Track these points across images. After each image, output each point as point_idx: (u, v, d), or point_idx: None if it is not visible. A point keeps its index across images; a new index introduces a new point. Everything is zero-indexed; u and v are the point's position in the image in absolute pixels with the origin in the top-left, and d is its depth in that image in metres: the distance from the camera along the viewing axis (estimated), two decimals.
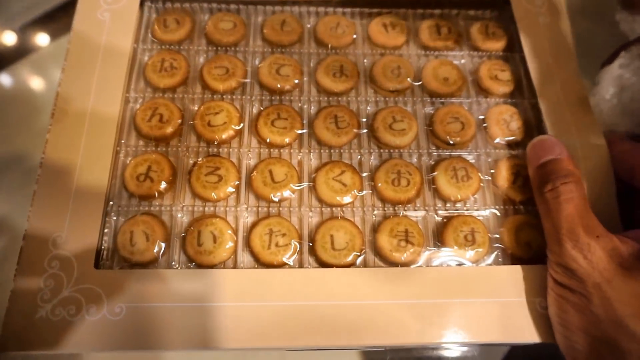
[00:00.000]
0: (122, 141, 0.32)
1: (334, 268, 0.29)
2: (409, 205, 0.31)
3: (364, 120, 0.34)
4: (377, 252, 0.30)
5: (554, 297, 0.26)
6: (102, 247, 0.29)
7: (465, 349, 0.39)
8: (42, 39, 0.47)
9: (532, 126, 0.33)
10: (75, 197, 0.29)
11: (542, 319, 0.28)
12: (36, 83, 0.45)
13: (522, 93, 0.34)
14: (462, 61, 0.36)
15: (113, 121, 0.31)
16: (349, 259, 0.29)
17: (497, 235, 0.31)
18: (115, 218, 0.30)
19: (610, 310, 0.24)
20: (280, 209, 0.31)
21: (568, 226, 0.25)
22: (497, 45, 0.36)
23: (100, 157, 0.30)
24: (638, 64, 0.34)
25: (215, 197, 0.30)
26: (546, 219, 0.27)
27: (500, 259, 0.30)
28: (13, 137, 0.42)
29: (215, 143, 0.32)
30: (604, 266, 0.24)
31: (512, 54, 0.36)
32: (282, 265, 0.29)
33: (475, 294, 0.28)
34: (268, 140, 0.32)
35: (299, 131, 0.33)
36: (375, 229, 0.31)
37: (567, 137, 0.32)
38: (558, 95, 0.33)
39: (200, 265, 0.29)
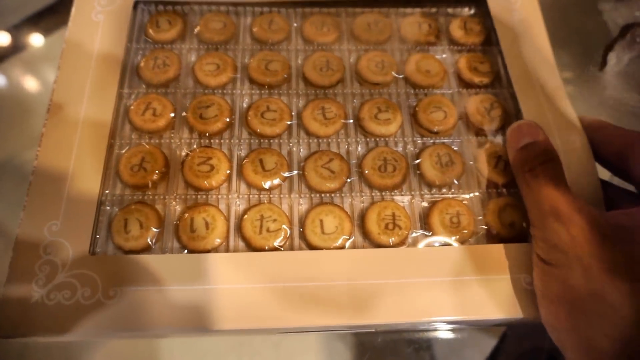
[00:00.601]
0: (116, 134, 0.33)
1: (324, 250, 0.30)
2: (396, 191, 0.32)
3: (351, 111, 0.35)
4: (366, 235, 0.31)
5: (538, 272, 0.27)
6: (97, 235, 0.30)
7: (456, 333, 0.39)
8: (33, 38, 0.48)
9: (512, 114, 0.35)
10: (71, 186, 0.30)
11: (527, 295, 0.28)
12: (28, 82, 0.46)
13: (501, 83, 0.36)
14: (444, 55, 0.38)
15: (107, 115, 0.32)
16: (339, 242, 0.30)
17: (481, 218, 0.32)
18: (109, 207, 0.31)
19: (590, 280, 0.25)
20: (271, 196, 0.32)
21: (550, 202, 0.26)
22: (476, 39, 0.38)
23: (95, 149, 0.31)
24: None
25: (208, 185, 0.31)
26: (528, 198, 0.28)
27: (485, 240, 0.31)
28: (3, 136, 0.43)
29: (207, 135, 0.33)
30: (585, 237, 0.25)
31: (490, 47, 0.37)
32: (273, 249, 0.30)
33: (463, 273, 0.29)
34: (258, 131, 0.33)
35: (288, 122, 0.34)
36: (363, 213, 0.32)
37: (544, 123, 0.33)
38: (534, 85, 0.35)
39: (193, 251, 0.30)
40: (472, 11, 0.39)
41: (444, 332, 0.39)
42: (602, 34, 0.47)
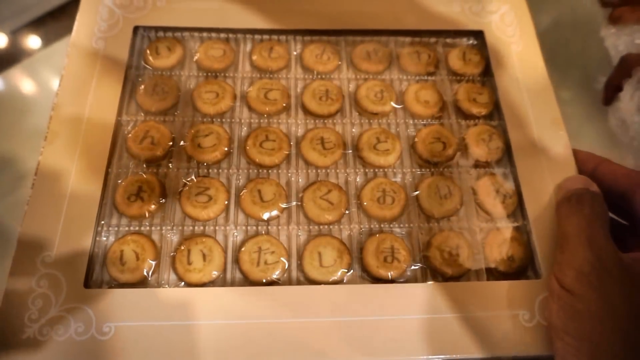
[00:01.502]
0: (114, 162, 0.33)
1: (321, 285, 0.29)
2: (394, 223, 0.32)
3: (350, 141, 0.35)
4: (364, 268, 0.31)
5: (561, 304, 0.26)
6: (92, 267, 0.29)
7: None
8: (34, 42, 0.48)
9: (511, 145, 0.35)
10: (66, 217, 0.29)
11: (525, 332, 0.28)
12: (27, 86, 0.46)
13: (500, 114, 0.36)
14: (442, 85, 0.38)
15: (105, 144, 0.32)
16: (337, 275, 0.30)
17: (480, 251, 0.32)
18: (105, 238, 0.30)
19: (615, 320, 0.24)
20: (269, 227, 0.32)
21: (589, 232, 0.26)
22: (475, 70, 0.38)
23: (92, 178, 0.31)
24: None
25: (205, 217, 0.31)
26: (566, 226, 0.28)
27: (484, 273, 0.31)
28: (4, 140, 0.43)
29: (205, 164, 0.33)
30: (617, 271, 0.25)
31: (490, 77, 0.37)
32: (271, 282, 0.30)
33: (461, 309, 0.29)
34: (257, 161, 0.33)
35: (287, 152, 0.34)
36: (361, 245, 0.31)
37: (534, 157, 0.33)
38: (528, 119, 0.35)
39: (189, 284, 0.29)
40: (471, 42, 0.40)
41: None
42: (603, 61, 0.48)
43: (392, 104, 0.36)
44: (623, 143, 0.44)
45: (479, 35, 0.39)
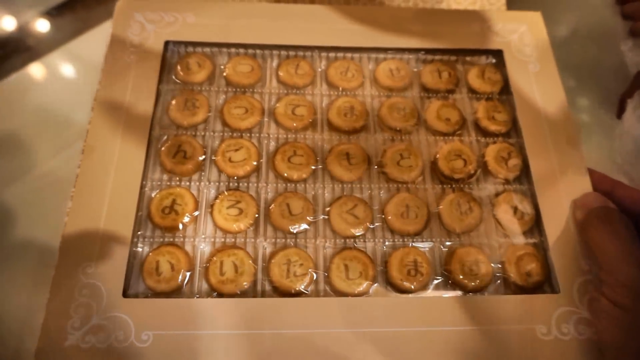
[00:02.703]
0: (148, 176, 0.34)
1: (349, 297, 0.31)
2: (417, 237, 0.34)
3: (374, 157, 0.36)
4: (388, 281, 0.32)
5: (615, 323, 0.27)
6: (129, 276, 0.31)
7: None
8: (74, 26, 0.48)
9: (529, 163, 0.36)
10: (105, 229, 0.31)
11: (542, 346, 0.29)
12: (68, 71, 0.46)
13: (518, 132, 0.37)
14: (462, 103, 0.39)
15: (140, 157, 0.33)
16: (363, 287, 0.31)
17: (499, 266, 0.33)
18: (141, 249, 0.32)
19: None
20: (297, 240, 0.33)
21: (628, 249, 0.27)
22: (494, 88, 0.39)
23: (127, 191, 0.32)
24: None
25: (237, 229, 0.32)
26: (602, 244, 0.29)
27: (502, 288, 0.32)
28: (33, 124, 0.43)
29: (235, 178, 0.34)
30: None
31: (508, 96, 0.39)
32: (299, 293, 0.31)
33: (478, 322, 0.30)
34: (285, 175, 0.34)
35: (314, 167, 0.35)
36: (385, 259, 0.33)
37: (551, 174, 0.35)
38: (545, 137, 0.36)
39: (222, 294, 0.31)
40: (490, 60, 0.41)
41: None
42: (621, 73, 0.49)
43: (414, 120, 0.37)
44: (622, 154, 0.45)
45: (497, 54, 0.40)
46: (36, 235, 0.30)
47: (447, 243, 0.34)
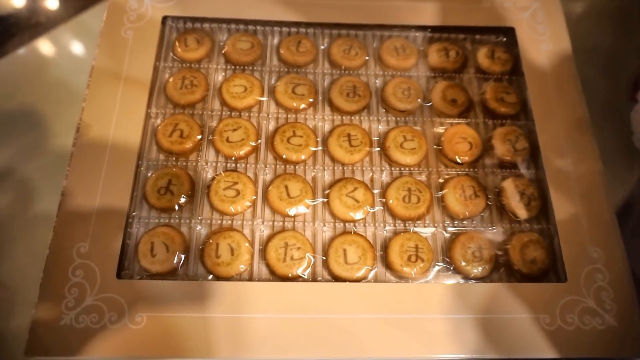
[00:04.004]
0: (144, 156, 0.33)
1: (346, 282, 0.30)
2: (419, 222, 0.33)
3: (376, 138, 0.35)
4: (388, 266, 0.31)
5: None
6: (123, 257, 0.30)
7: None
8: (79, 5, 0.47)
9: (537, 147, 0.35)
10: (99, 208, 0.30)
11: (545, 335, 0.29)
12: (76, 48, 0.46)
13: (527, 115, 0.36)
14: (469, 84, 0.38)
15: (136, 136, 0.33)
16: (361, 272, 0.31)
17: (503, 253, 0.32)
18: (136, 229, 0.31)
19: None
20: (295, 223, 0.32)
21: None
22: (503, 68, 0.38)
23: (123, 171, 0.31)
24: None
25: (233, 211, 0.32)
26: None
27: (505, 275, 0.31)
28: (51, 99, 0.43)
29: (233, 159, 0.34)
30: None
31: (518, 77, 0.37)
32: (296, 277, 0.30)
33: (482, 310, 0.29)
34: (284, 157, 0.33)
35: (314, 148, 0.34)
36: (386, 244, 0.32)
37: (562, 159, 0.33)
38: (556, 119, 0.35)
39: (217, 277, 0.30)
40: (500, 38, 0.39)
41: None
42: (636, 58, 0.46)
43: (419, 101, 0.36)
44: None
45: (508, 32, 0.39)
46: (54, 208, 0.30)
47: (450, 229, 0.33)
